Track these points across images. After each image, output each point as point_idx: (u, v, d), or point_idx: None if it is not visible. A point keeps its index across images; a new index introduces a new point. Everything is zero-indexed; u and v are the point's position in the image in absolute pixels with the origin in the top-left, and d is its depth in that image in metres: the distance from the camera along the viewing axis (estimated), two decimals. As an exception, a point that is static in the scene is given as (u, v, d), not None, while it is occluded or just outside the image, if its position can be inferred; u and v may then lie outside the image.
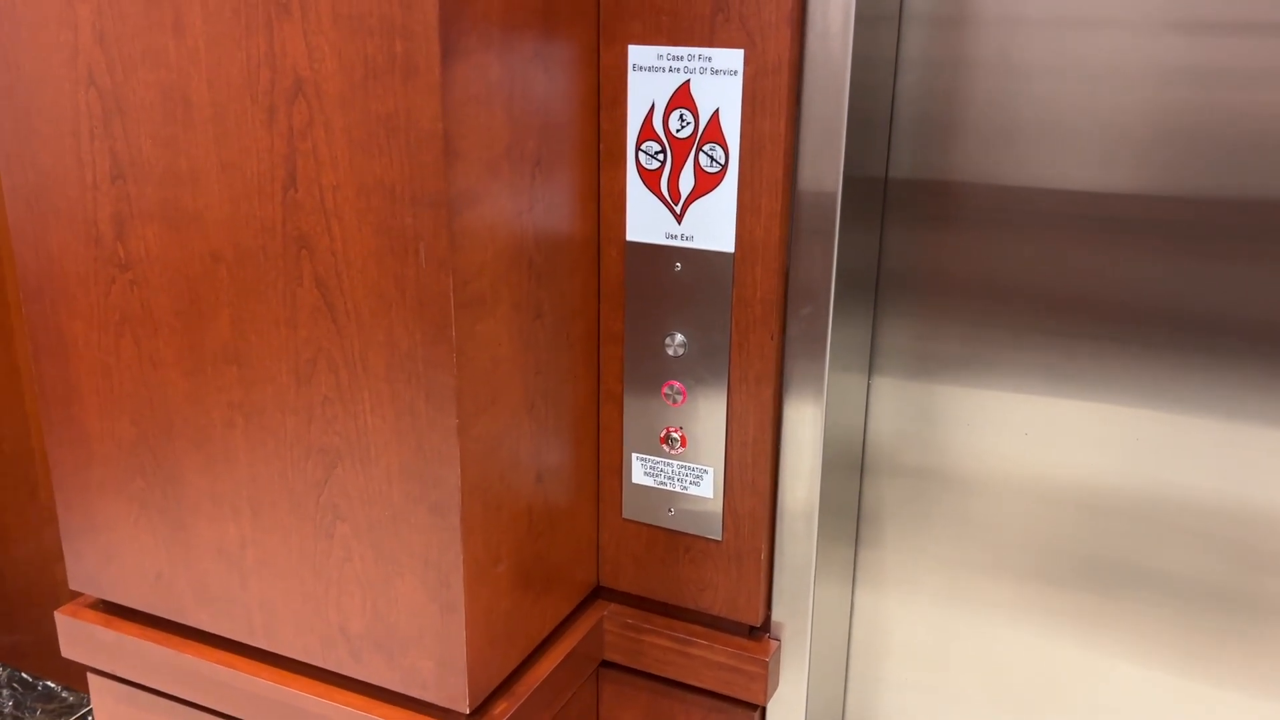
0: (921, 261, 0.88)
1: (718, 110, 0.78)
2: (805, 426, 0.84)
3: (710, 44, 0.77)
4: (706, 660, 0.91)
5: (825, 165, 0.78)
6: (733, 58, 0.77)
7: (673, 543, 0.90)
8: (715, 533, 0.88)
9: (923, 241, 0.87)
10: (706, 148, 0.80)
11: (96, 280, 0.81)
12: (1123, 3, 0.77)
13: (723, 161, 0.79)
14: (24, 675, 1.91)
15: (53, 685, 1.89)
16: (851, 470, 0.94)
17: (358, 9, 0.66)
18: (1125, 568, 0.88)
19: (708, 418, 0.86)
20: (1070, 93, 0.80)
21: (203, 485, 0.83)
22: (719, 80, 0.78)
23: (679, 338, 0.85)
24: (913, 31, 0.83)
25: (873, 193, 0.86)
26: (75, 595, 0.97)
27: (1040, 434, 0.88)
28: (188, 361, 0.80)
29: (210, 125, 0.73)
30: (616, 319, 0.87)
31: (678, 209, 0.82)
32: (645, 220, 0.83)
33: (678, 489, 0.88)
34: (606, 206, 0.84)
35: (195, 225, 0.76)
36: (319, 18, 0.67)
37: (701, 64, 0.78)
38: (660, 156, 0.81)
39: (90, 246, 0.81)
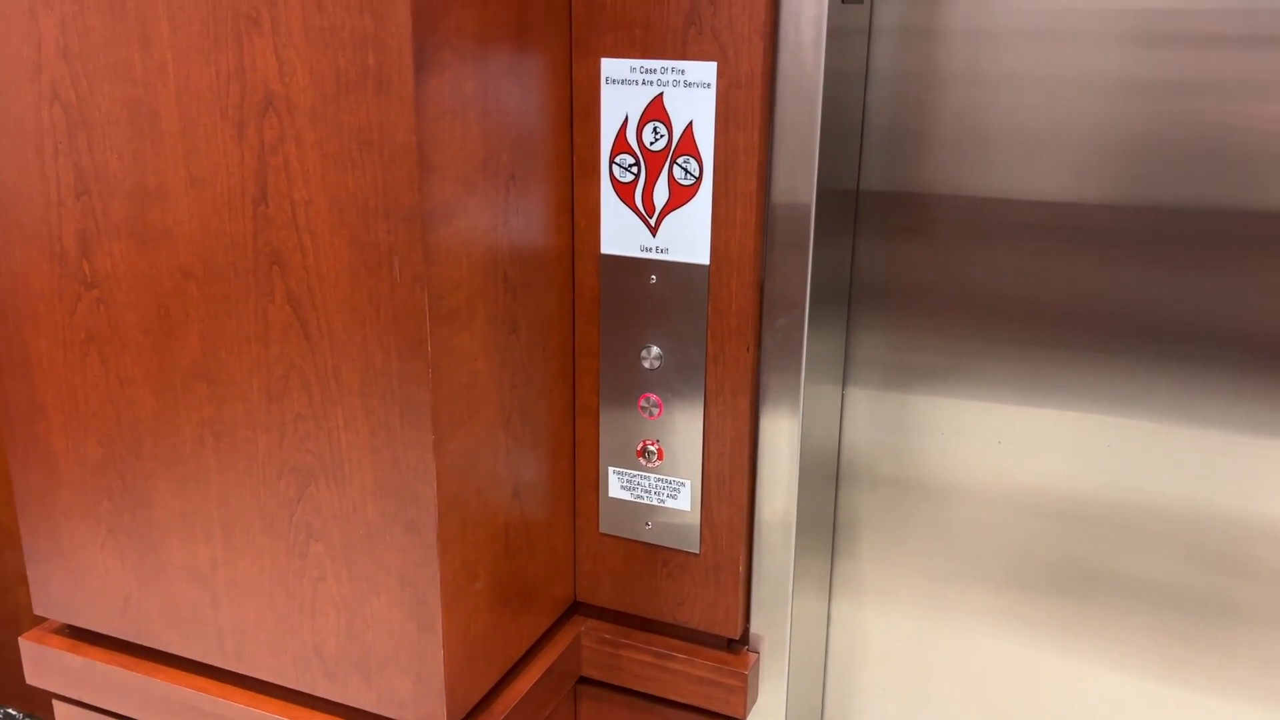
0: (894, 272, 0.88)
1: (691, 123, 0.78)
2: (782, 438, 0.84)
3: (683, 57, 0.77)
4: (686, 674, 0.90)
5: (799, 177, 0.78)
6: (705, 70, 0.77)
7: (650, 557, 0.90)
8: (693, 546, 0.87)
9: (895, 252, 0.88)
10: (680, 160, 0.80)
11: (61, 297, 0.80)
12: (1090, 16, 0.78)
13: (697, 174, 0.79)
14: (-15, 703, 1.86)
15: (14, 713, 1.85)
16: (827, 481, 0.94)
17: (329, 22, 0.65)
18: (1101, 575, 0.88)
19: (684, 430, 0.85)
20: (1039, 104, 0.81)
21: (172, 505, 0.82)
22: (692, 93, 0.78)
23: (655, 350, 0.84)
24: (883, 44, 0.84)
25: (845, 204, 0.86)
26: (39, 620, 0.95)
27: (1014, 443, 0.88)
28: (156, 380, 0.79)
29: (179, 140, 0.72)
30: (592, 332, 0.86)
31: (652, 221, 0.82)
32: (620, 233, 0.83)
33: (655, 502, 0.88)
34: (581, 219, 0.84)
35: (164, 241, 0.75)
36: (290, 31, 0.67)
37: (674, 77, 0.78)
38: (634, 169, 0.81)
39: (55, 263, 0.79)
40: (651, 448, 0.87)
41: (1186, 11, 0.75)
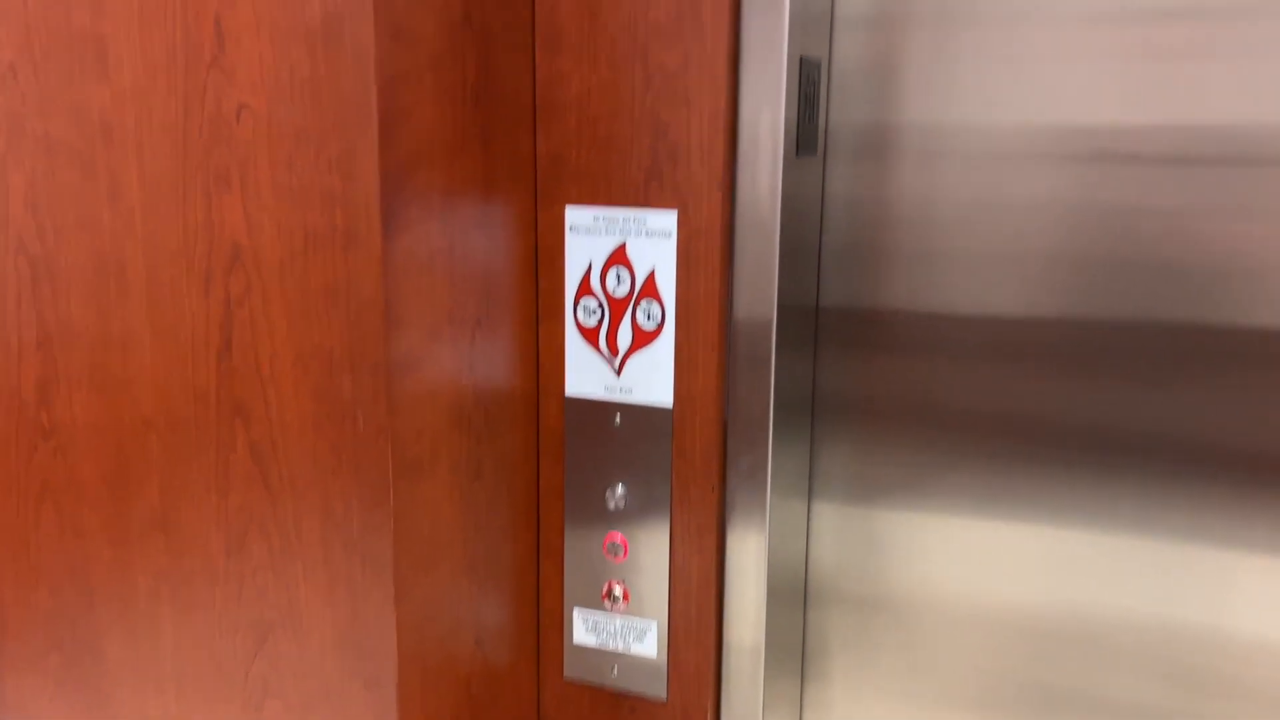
0: (856, 386, 0.89)
1: (654, 269, 0.80)
2: (749, 569, 0.84)
3: (645, 205, 0.79)
4: (654, 824, 0.87)
5: (759, 305, 0.79)
6: (667, 220, 0.79)
7: (616, 704, 0.88)
8: (660, 692, 0.86)
9: (856, 367, 0.89)
10: (643, 304, 0.81)
11: (17, 447, 0.79)
12: (1041, 136, 0.80)
13: (659, 318, 0.81)
14: None
15: None
16: (795, 603, 0.93)
17: (299, 181, 0.67)
18: (1072, 694, 0.88)
19: (651, 571, 0.85)
20: (991, 224, 0.82)
21: (125, 658, 0.79)
22: (654, 241, 0.80)
23: (620, 490, 0.84)
24: (838, 170, 0.86)
25: (805, 320, 0.87)
26: (-22, 777, 0.91)
27: (979, 558, 0.88)
28: (113, 529, 0.77)
29: (144, 291, 0.72)
30: (556, 472, 0.86)
31: (616, 364, 0.83)
32: (584, 374, 0.84)
33: (621, 648, 0.87)
34: (545, 361, 0.85)
35: (125, 391, 0.74)
36: (259, 189, 0.68)
37: (637, 226, 0.80)
38: (598, 313, 0.83)
39: (12, 413, 0.78)
40: (617, 590, 0.86)
41: (1136, 130, 0.78)
